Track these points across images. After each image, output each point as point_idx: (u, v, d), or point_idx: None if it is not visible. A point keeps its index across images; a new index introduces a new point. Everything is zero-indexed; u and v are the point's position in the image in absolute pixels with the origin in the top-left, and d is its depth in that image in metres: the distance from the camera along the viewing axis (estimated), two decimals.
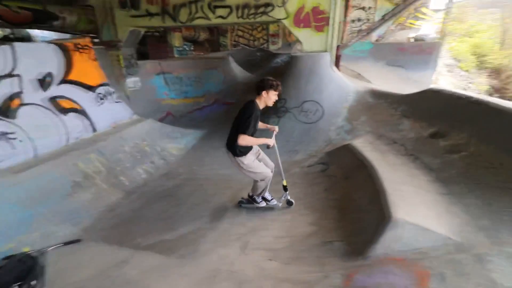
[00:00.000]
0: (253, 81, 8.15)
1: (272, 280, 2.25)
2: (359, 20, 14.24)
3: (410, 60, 11.52)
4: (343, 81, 5.50)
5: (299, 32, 5.56)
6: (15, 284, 2.19)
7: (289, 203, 3.29)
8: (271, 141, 3.02)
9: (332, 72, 5.47)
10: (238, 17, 5.79)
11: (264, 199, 3.29)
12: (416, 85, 9.37)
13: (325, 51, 5.47)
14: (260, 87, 2.88)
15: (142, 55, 10.65)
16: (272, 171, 3.20)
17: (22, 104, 3.64)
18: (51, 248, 2.69)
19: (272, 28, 14.09)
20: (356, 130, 4.46)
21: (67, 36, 10.30)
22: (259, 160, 3.19)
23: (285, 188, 3.28)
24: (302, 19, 5.44)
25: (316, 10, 5.30)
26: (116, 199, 3.64)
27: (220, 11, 5.80)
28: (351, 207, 2.83)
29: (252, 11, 5.69)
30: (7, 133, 3.37)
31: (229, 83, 7.96)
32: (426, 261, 2.01)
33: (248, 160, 3.00)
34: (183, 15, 6.02)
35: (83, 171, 3.62)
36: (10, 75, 3.59)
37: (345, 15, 14.19)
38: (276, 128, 3.21)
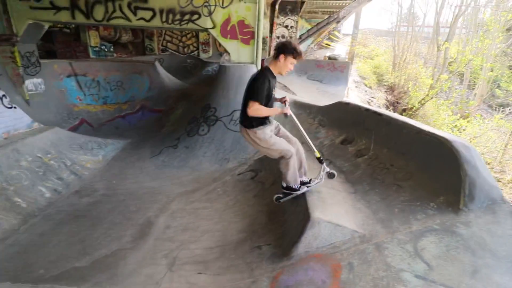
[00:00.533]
0: (184, 89, 7.94)
1: None
2: (283, 36, 15.60)
3: (326, 75, 13.14)
4: None
5: (226, 43, 5.71)
6: None
7: (330, 175, 2.95)
8: (287, 109, 2.62)
9: None
10: (162, 22, 5.59)
11: (302, 183, 2.85)
12: (332, 97, 10.75)
13: (252, 63, 5.76)
14: (280, 49, 2.49)
15: (49, 53, 9.10)
16: (298, 149, 2.83)
17: None
18: None
19: (202, 36, 14.05)
20: None
21: None
22: (279, 136, 2.81)
23: (320, 161, 2.90)
24: (229, 30, 5.61)
25: (241, 24, 5.53)
26: (10, 225, 2.96)
27: (142, 13, 5.50)
28: (278, 211, 3.01)
29: (178, 17, 5.58)
30: None
31: (157, 89, 7.53)
32: (338, 254, 2.29)
33: (265, 134, 2.63)
34: (98, 12, 5.48)
35: None
36: None
37: (271, 31, 15.37)
38: (287, 98, 2.90)
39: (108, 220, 3.18)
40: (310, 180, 2.92)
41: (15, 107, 4.40)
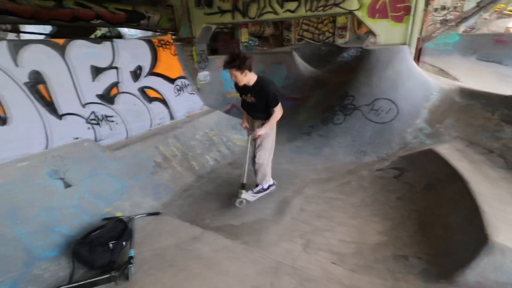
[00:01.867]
0: (319, 76, 7.91)
1: (337, 285, 2.18)
2: (443, 8, 12.41)
3: (510, 54, 9.58)
4: (424, 77, 4.89)
5: (374, 23, 5.12)
6: (111, 242, 2.60)
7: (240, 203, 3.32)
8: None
9: (412, 67, 4.91)
10: (306, 10, 5.63)
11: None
12: None
13: (404, 44, 4.94)
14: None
15: (213, 51, 11.33)
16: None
17: (119, 92, 4.25)
18: (137, 216, 3.11)
19: (339, 20, 13.36)
20: (439, 135, 3.94)
21: (149, 33, 11.63)
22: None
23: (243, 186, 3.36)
24: (378, 9, 4.99)
25: None
26: (189, 181, 3.99)
27: (289, 5, 5.72)
28: (436, 223, 2.51)
29: (322, 3, 5.46)
30: (108, 116, 3.99)
31: (294, 78, 7.87)
32: None
33: (274, 133, 3.29)
34: (252, 10, 6.13)
35: (162, 154, 4.06)
36: (111, 67, 4.21)
37: (427, 3, 12.56)
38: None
39: None
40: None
41: (194, 94, 5.77)
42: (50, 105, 3.35)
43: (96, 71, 3.95)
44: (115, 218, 2.92)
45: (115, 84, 4.23)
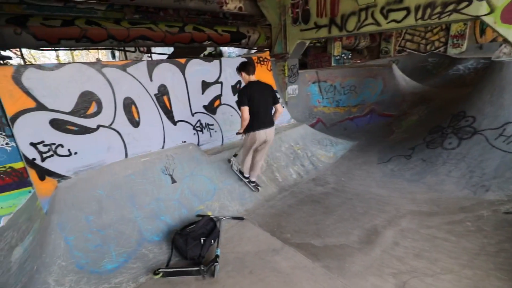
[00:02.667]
0: (423, 92, 6.92)
1: None
2: None
3: None
4: None
5: (510, 30, 4.14)
6: (202, 238, 2.89)
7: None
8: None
9: None
10: (416, 20, 4.99)
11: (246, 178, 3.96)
12: None
13: None
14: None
15: (302, 65, 11.50)
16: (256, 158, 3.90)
17: (220, 104, 4.79)
18: (224, 218, 3.37)
19: (455, 27, 11.40)
20: None
21: (245, 51, 12.77)
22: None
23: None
24: None
25: None
26: (272, 192, 4.09)
27: (395, 15, 5.23)
28: None
29: (438, 10, 4.74)
30: (209, 125, 4.55)
31: (391, 93, 7.16)
32: None
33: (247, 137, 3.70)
34: (351, 23, 5.89)
35: None
36: (216, 81, 4.80)
37: None
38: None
39: (337, 213, 3.46)
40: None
41: (283, 107, 5.95)
42: (169, 113, 4.07)
43: (205, 85, 4.58)
44: (207, 217, 3.25)
45: (218, 97, 4.79)
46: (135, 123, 3.70)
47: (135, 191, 3.27)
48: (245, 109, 3.34)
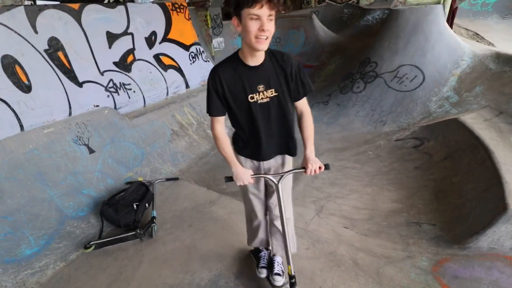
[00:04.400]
0: (339, 42, 7.45)
1: (347, 247, 2.25)
2: None
3: None
4: (455, 41, 4.49)
5: None
6: (135, 203, 2.78)
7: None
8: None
9: (443, 30, 4.49)
10: None
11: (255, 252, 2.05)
12: None
13: (438, 3, 4.49)
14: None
15: (226, 15, 10.80)
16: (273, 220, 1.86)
17: (134, 60, 4.25)
18: (157, 181, 3.28)
19: None
20: (466, 103, 3.71)
21: None
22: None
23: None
24: None
25: None
26: (205, 149, 4.10)
27: None
28: (451, 191, 2.48)
29: None
30: (125, 84, 4.05)
31: (311, 44, 7.48)
32: None
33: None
34: None
35: (179, 122, 4.14)
36: (125, 33, 4.16)
37: None
38: None
39: None
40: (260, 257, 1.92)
41: (208, 61, 5.67)
42: (70, 73, 3.42)
43: (112, 37, 3.93)
44: (137, 182, 3.10)
45: (131, 51, 4.22)
46: (25, 88, 3.02)
47: (43, 168, 2.83)
48: None
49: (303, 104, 1.53)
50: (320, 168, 1.49)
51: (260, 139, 1.48)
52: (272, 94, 1.40)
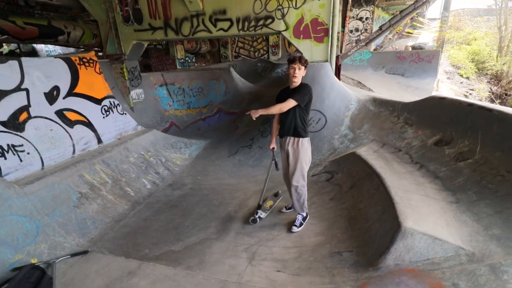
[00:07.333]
0: (256, 91, 8.26)
1: None
2: (357, 30, 14.56)
3: (409, 68, 11.70)
4: (344, 90, 5.56)
5: (299, 43, 5.66)
6: None
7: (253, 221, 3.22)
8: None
9: (334, 81, 5.54)
10: (239, 30, 5.88)
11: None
12: (417, 92, 9.47)
13: (326, 61, 5.56)
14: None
15: (146, 67, 10.80)
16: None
17: (29, 117, 3.69)
18: (58, 260, 2.67)
19: (272, 39, 14.34)
20: (359, 139, 4.48)
21: (72, 50, 10.52)
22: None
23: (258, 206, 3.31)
24: (302, 30, 5.54)
25: (315, 22, 5.40)
26: (122, 210, 3.63)
27: (221, 24, 5.91)
28: (360, 217, 2.81)
29: (253, 23, 5.80)
30: (15, 146, 3.40)
31: (232, 93, 8.05)
32: (439, 272, 1.99)
33: (310, 148, 3.13)
34: (185, 28, 6.12)
35: (89, 182, 3.63)
36: (18, 88, 3.65)
37: (344, 26, 14.50)
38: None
39: (195, 211, 3.55)
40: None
41: (125, 113, 5.38)
42: None
43: None
44: (28, 266, 2.46)
45: (25, 108, 3.67)
46: None
47: None
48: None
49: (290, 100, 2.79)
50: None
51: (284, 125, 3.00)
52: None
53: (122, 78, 6.84)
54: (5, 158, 3.31)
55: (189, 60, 11.67)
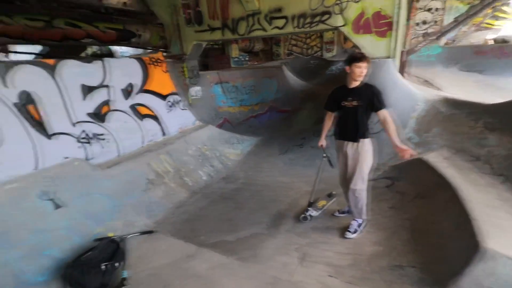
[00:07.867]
0: (309, 89, 8.11)
1: None
2: (424, 22, 13.05)
3: (490, 64, 10.09)
4: (409, 89, 5.08)
5: (359, 39, 5.34)
6: (103, 264, 2.52)
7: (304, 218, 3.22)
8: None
9: (396, 79, 5.10)
10: (294, 27, 5.80)
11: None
12: (499, 93, 8.12)
13: (388, 57, 5.15)
14: (346, 63, 2.70)
15: (204, 66, 11.46)
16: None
17: (109, 110, 4.25)
18: (130, 235, 3.04)
19: (327, 35, 13.83)
20: (427, 143, 4.05)
21: (140, 51, 11.73)
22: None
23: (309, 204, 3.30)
24: (362, 25, 5.21)
25: (377, 15, 5.03)
26: (183, 197, 3.95)
27: (276, 22, 5.90)
28: (429, 231, 2.55)
29: (309, 20, 5.65)
30: (98, 135, 3.97)
31: (284, 91, 8.04)
32: None
33: (372, 151, 2.85)
34: (241, 28, 6.27)
35: (155, 170, 4.03)
36: (101, 85, 4.23)
37: (408, 18, 13.17)
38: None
39: (248, 206, 3.67)
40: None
41: (186, 109, 5.82)
42: (39, 125, 3.31)
43: (86, 89, 3.95)
44: (107, 239, 2.85)
45: (106, 102, 4.24)
46: None
47: (6, 227, 2.56)
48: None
49: (382, 114, 2.65)
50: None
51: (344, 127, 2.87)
52: (354, 103, 2.71)
53: (182, 77, 7.36)
54: (90, 145, 3.87)
55: (242, 59, 11.99)
